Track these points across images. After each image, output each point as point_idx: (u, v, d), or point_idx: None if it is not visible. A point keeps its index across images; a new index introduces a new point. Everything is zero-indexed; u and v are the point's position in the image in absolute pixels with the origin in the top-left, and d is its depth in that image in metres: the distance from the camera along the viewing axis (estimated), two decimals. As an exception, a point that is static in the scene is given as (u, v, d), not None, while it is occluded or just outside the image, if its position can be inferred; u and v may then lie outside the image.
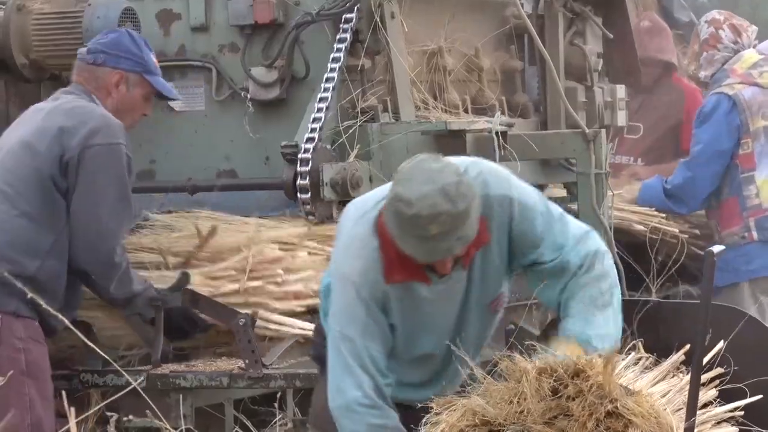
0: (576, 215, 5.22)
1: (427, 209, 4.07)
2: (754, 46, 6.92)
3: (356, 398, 4.31)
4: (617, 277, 4.44)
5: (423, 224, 4.07)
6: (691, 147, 6.77)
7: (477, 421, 4.05)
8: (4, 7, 5.73)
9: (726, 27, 6.78)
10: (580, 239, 4.40)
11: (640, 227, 6.62)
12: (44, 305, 4.54)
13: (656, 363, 4.57)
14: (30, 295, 4.40)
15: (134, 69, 5.19)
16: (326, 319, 4.47)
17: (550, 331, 4.53)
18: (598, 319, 4.36)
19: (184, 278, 5.13)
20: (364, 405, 4.32)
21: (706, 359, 4.53)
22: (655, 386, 4.42)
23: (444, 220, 4.10)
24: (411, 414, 4.33)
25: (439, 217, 4.08)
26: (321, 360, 4.49)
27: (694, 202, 6.66)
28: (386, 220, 4.20)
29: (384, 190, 4.36)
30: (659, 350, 4.58)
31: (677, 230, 6.31)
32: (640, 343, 4.59)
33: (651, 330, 4.69)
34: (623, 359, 4.36)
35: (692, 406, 4.14)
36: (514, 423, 4.01)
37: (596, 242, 4.41)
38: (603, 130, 6.36)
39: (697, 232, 6.63)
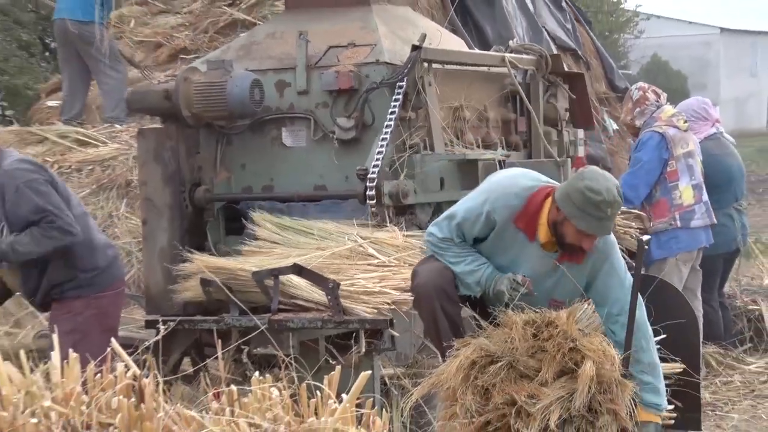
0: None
1: (611, 197, 4.57)
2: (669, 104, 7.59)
3: (448, 240, 4.84)
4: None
5: (604, 208, 4.56)
6: (632, 165, 7.44)
7: (483, 354, 4.65)
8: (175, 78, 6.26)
9: (650, 91, 7.59)
10: (647, 339, 4.83)
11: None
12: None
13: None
14: None
15: None
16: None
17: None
18: (658, 383, 4.90)
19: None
20: (451, 241, 4.83)
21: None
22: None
23: (616, 207, 4.62)
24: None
25: (615, 204, 4.61)
26: None
27: (637, 200, 7.23)
28: (566, 202, 4.60)
29: (527, 178, 4.79)
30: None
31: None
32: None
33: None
34: (581, 310, 4.82)
35: (628, 343, 4.82)
36: (507, 356, 4.65)
37: (653, 349, 4.85)
38: (569, 159, 7.41)
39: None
